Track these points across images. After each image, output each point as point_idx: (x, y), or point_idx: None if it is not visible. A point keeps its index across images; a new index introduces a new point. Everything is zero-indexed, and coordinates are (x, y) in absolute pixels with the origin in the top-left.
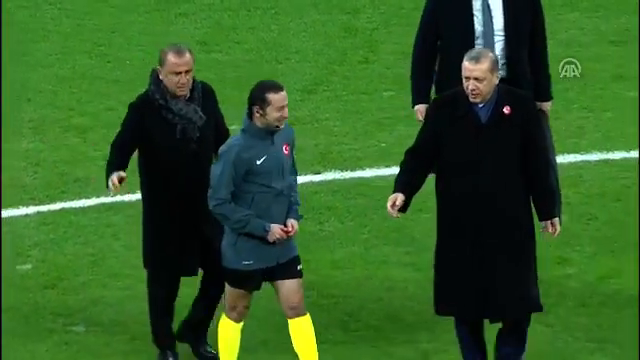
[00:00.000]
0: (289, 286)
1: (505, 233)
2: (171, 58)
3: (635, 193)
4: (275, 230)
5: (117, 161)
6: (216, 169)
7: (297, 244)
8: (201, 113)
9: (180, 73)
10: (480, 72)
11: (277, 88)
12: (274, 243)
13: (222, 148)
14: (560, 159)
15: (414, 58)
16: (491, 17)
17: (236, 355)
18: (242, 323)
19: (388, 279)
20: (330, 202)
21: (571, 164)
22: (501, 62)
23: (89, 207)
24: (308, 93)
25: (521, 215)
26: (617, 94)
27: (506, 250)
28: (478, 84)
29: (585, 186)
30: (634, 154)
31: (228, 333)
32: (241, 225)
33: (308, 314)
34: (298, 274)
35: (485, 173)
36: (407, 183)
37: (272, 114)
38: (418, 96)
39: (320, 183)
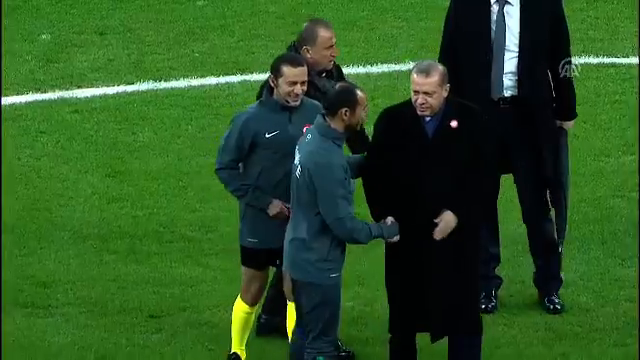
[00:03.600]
0: (284, 274)
1: (449, 249)
2: (324, 33)
3: None
4: (276, 204)
5: None
6: (225, 134)
7: None
8: None
9: (332, 46)
10: (429, 86)
11: (295, 63)
12: (276, 219)
13: (234, 114)
14: (374, 69)
15: None
16: (504, 30)
17: (245, 338)
18: (256, 308)
19: (203, 190)
20: (144, 112)
21: (384, 74)
22: (513, 79)
23: None
24: (120, 2)
25: (465, 231)
26: (431, 3)
27: (449, 267)
28: (427, 98)
29: (399, 96)
30: None
31: (239, 315)
32: (240, 194)
33: None
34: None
35: (430, 187)
36: (384, 214)
37: (283, 87)
38: None
39: (133, 93)
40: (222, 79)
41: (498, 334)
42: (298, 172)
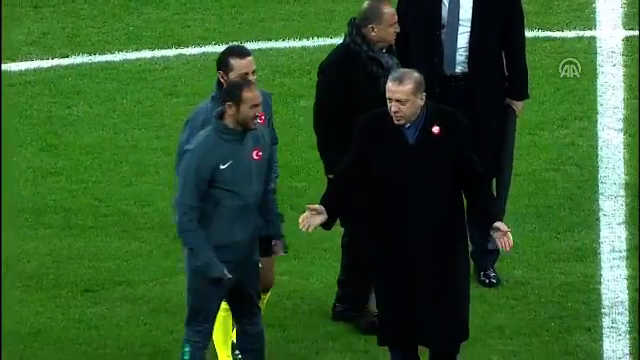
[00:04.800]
0: (264, 264)
1: (437, 257)
2: (388, 10)
3: None
4: None
5: (334, 154)
6: (182, 136)
7: None
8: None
9: (396, 22)
10: (402, 94)
11: (242, 53)
12: None
13: (189, 115)
14: (310, 43)
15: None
16: (458, 5)
17: (229, 341)
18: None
19: (138, 164)
20: (79, 86)
21: (321, 47)
22: (464, 54)
23: None
24: None
25: (454, 237)
26: None
27: (439, 276)
28: (400, 106)
29: None
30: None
31: (218, 315)
32: None
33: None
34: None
35: (415, 195)
36: (330, 203)
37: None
38: None
39: (68, 67)
40: (157, 52)
41: None
42: None
